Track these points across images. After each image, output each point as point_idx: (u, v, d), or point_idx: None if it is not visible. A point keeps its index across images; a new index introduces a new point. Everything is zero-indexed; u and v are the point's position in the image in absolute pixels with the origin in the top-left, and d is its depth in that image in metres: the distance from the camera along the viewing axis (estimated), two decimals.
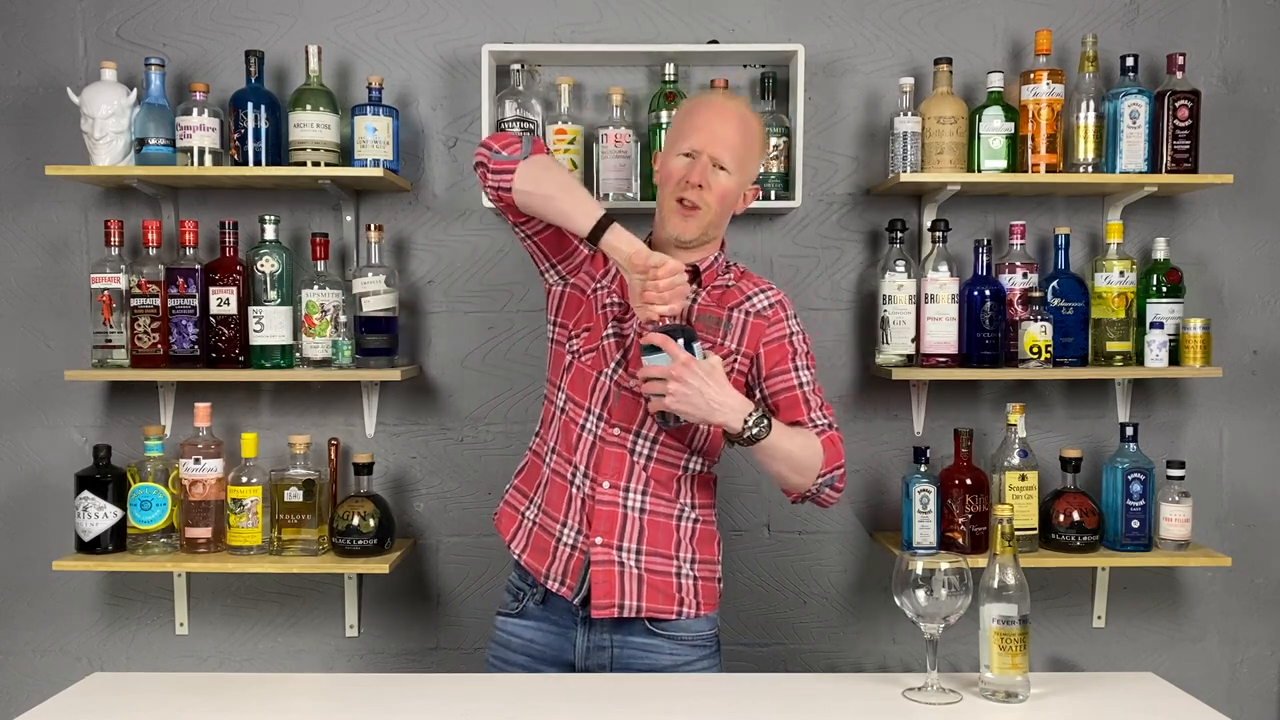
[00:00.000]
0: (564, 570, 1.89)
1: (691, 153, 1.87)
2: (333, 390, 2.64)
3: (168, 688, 1.75)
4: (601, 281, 1.95)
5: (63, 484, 2.60)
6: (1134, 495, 2.45)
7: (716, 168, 1.86)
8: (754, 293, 1.94)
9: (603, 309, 1.92)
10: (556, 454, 1.93)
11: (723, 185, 1.87)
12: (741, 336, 1.91)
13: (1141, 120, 2.45)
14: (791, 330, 1.95)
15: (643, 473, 1.89)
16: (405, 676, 1.92)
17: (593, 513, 1.87)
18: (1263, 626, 2.72)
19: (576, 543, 1.89)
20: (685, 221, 1.87)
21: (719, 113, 1.90)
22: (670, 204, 1.88)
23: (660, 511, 1.90)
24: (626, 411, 1.88)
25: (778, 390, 1.92)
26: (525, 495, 1.99)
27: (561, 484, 1.92)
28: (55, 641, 2.69)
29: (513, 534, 1.98)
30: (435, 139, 2.63)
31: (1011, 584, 1.64)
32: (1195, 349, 2.47)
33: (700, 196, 1.85)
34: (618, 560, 1.87)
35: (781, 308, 1.95)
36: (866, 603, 2.69)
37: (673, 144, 1.91)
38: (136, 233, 2.55)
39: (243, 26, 2.61)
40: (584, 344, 1.92)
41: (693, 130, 1.88)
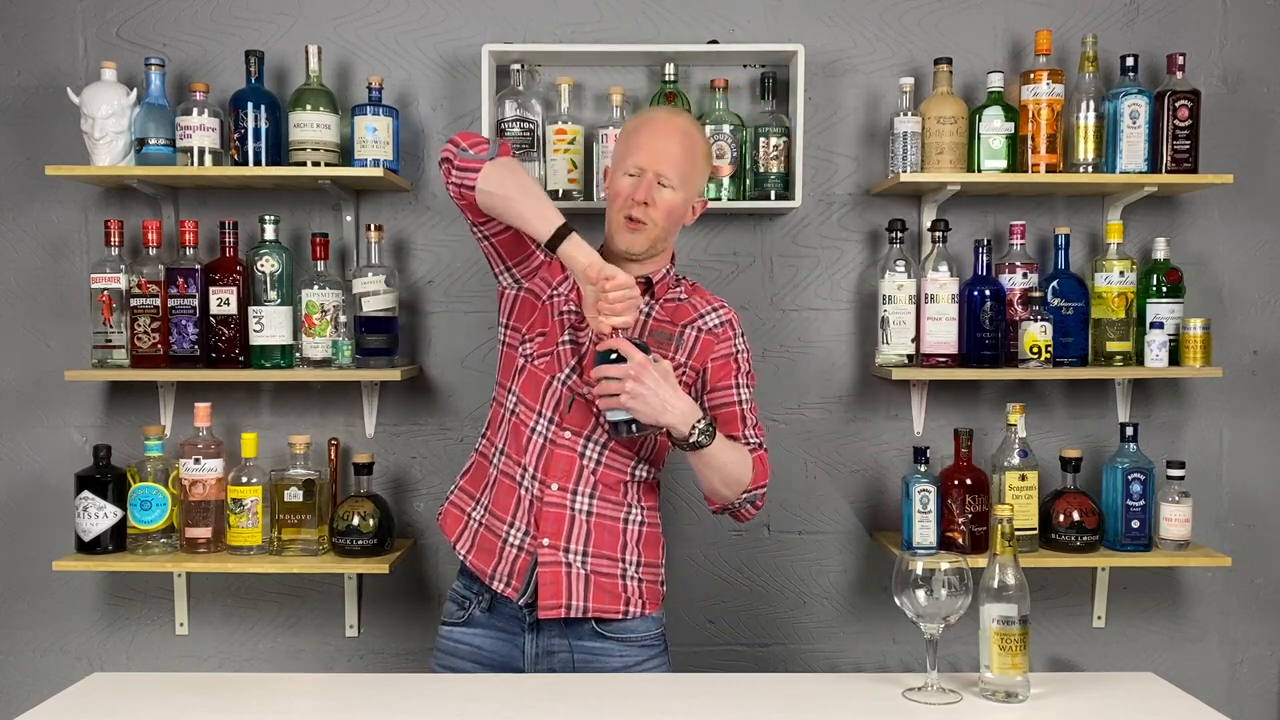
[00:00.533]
0: (510, 571, 1.92)
1: (636, 171, 1.91)
2: (333, 390, 2.64)
3: (168, 688, 1.75)
4: (558, 289, 1.97)
5: (63, 484, 2.60)
6: (1134, 495, 2.45)
7: (661, 184, 1.90)
8: (706, 310, 2.00)
9: (559, 315, 1.95)
10: (505, 455, 1.96)
11: (668, 201, 1.91)
12: (691, 351, 1.97)
13: (1141, 120, 2.45)
14: (738, 349, 2.00)
15: (591, 476, 1.92)
16: (405, 676, 1.92)
17: (540, 514, 1.90)
18: (1263, 626, 2.72)
19: (524, 544, 1.91)
20: (633, 235, 1.92)
21: (662, 130, 1.94)
22: (618, 220, 1.93)
23: (607, 515, 1.93)
24: (579, 416, 1.91)
25: (717, 404, 1.98)
26: (472, 496, 2.01)
27: (510, 485, 1.94)
28: (55, 641, 2.69)
29: (458, 534, 2.00)
30: (435, 139, 2.63)
31: (1011, 584, 1.64)
32: (1195, 349, 2.47)
33: (646, 213, 1.91)
34: (564, 561, 1.90)
35: (731, 326, 2.01)
36: (866, 603, 2.69)
37: (619, 162, 1.96)
38: (136, 233, 2.55)
39: (243, 26, 2.61)
40: (538, 348, 1.94)
41: (637, 148, 1.93)
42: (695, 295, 2.03)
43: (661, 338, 1.95)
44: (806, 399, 2.66)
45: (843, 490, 2.68)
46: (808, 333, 2.66)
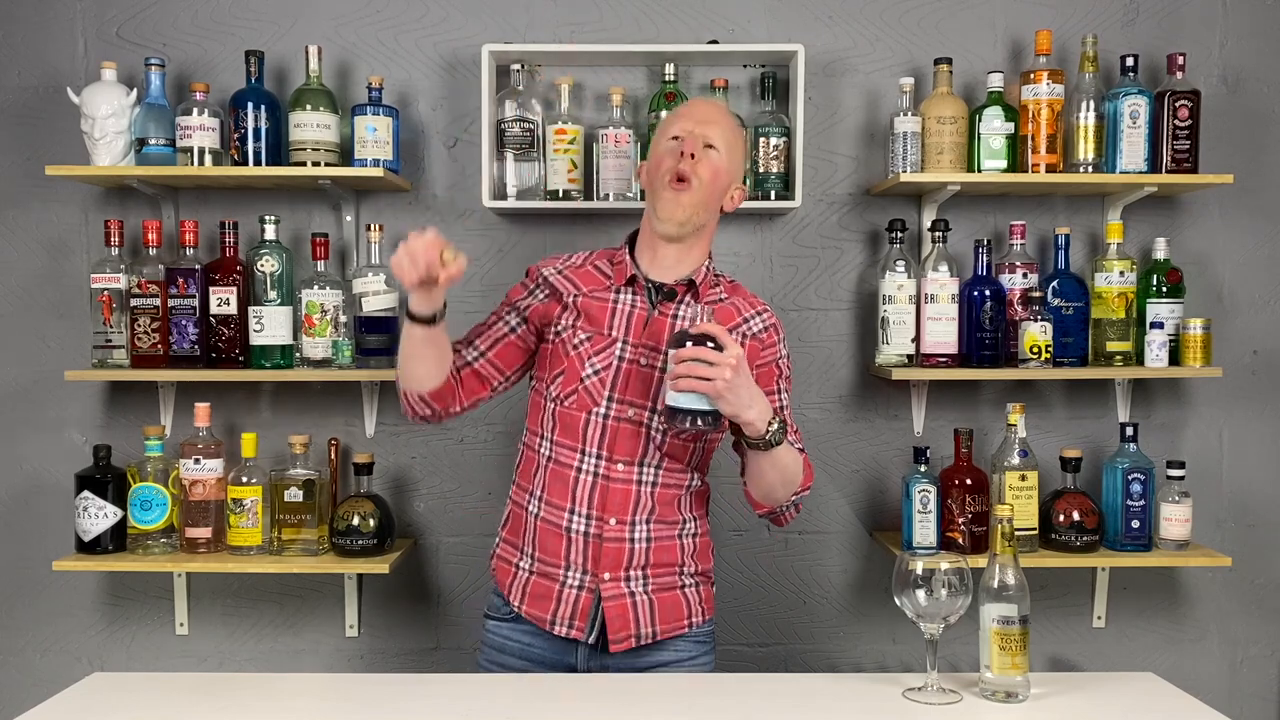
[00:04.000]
0: (572, 613, 1.87)
1: (680, 135, 1.88)
2: (333, 390, 2.64)
3: (168, 688, 1.75)
4: (564, 321, 1.91)
5: (63, 484, 2.60)
6: (1134, 495, 2.45)
7: (707, 147, 1.87)
8: (750, 315, 1.96)
9: (574, 350, 1.89)
10: (545, 502, 1.90)
11: (714, 163, 1.87)
12: None
13: (1141, 120, 2.45)
14: (781, 354, 1.97)
15: (649, 501, 1.88)
16: (405, 676, 1.92)
17: (601, 551, 1.86)
18: (1263, 626, 2.72)
19: (583, 583, 1.87)
20: (677, 197, 1.85)
21: (704, 104, 1.97)
22: (661, 185, 1.86)
23: (665, 535, 1.90)
24: (627, 445, 1.86)
25: None
26: (515, 547, 1.95)
27: (555, 530, 1.88)
28: (55, 641, 2.69)
29: (509, 586, 1.94)
30: (435, 139, 2.64)
31: (1011, 584, 1.64)
32: (1195, 349, 2.47)
33: (693, 168, 1.84)
34: (628, 591, 1.87)
35: (775, 331, 1.97)
36: (866, 603, 2.69)
37: (659, 138, 1.93)
38: (136, 233, 2.55)
39: (243, 26, 2.61)
40: (562, 389, 1.89)
41: (678, 119, 1.91)
42: (736, 296, 1.97)
43: None
44: (806, 399, 2.66)
45: (843, 490, 2.69)
46: (808, 333, 2.66)
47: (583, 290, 1.92)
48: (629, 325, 1.88)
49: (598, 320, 1.89)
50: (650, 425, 1.86)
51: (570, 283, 1.94)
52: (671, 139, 1.89)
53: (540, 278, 1.96)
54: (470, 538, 2.66)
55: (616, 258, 1.95)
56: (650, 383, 1.86)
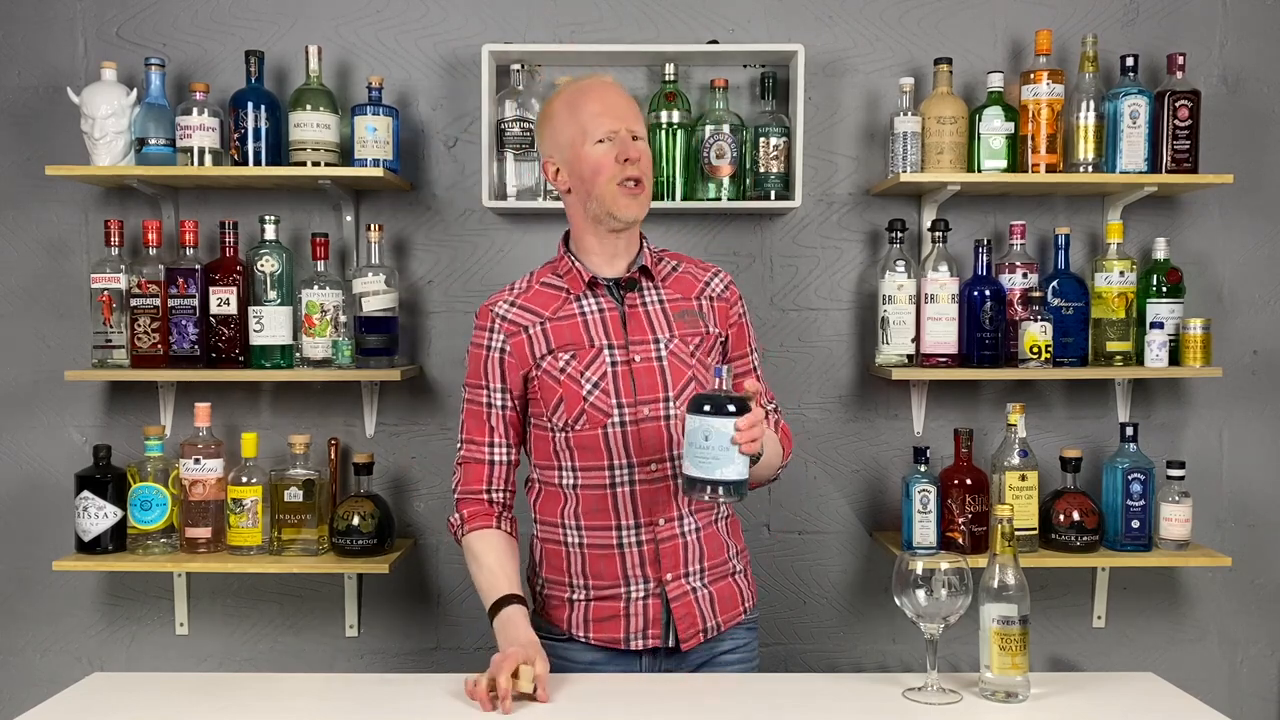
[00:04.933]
0: (644, 624, 1.86)
1: (609, 135, 1.81)
2: (333, 390, 2.64)
3: (168, 688, 1.75)
4: (538, 354, 1.84)
5: (63, 484, 2.60)
6: (1134, 495, 2.45)
7: (635, 139, 1.83)
8: (708, 277, 1.94)
9: (564, 375, 1.82)
10: (587, 529, 1.85)
11: (648, 153, 1.85)
12: (714, 319, 1.91)
13: (1141, 120, 2.45)
14: (743, 311, 1.97)
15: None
16: (405, 676, 1.92)
17: (657, 553, 1.84)
18: (1263, 626, 2.72)
19: (649, 591, 1.86)
20: (635, 200, 1.82)
21: (607, 91, 1.86)
22: (612, 190, 1.81)
23: (706, 524, 1.90)
24: (652, 443, 1.83)
25: (736, 374, 1.91)
26: (562, 583, 1.90)
27: (606, 552, 1.85)
28: (55, 641, 2.69)
29: (568, 621, 1.89)
30: (435, 139, 2.64)
31: (1011, 584, 1.64)
32: (1195, 349, 2.47)
33: (639, 168, 1.82)
34: (690, 588, 1.87)
35: (734, 288, 1.96)
36: (866, 603, 2.69)
37: (577, 138, 1.82)
38: (136, 233, 2.55)
39: (243, 26, 2.61)
40: (567, 416, 1.82)
41: (598, 117, 1.82)
42: (686, 264, 1.96)
43: (689, 316, 1.88)
44: (806, 399, 2.66)
45: (843, 490, 2.68)
46: (808, 333, 2.66)
47: (544, 315, 1.86)
48: (607, 328, 1.84)
49: (574, 337, 1.84)
50: (669, 416, 1.83)
51: (528, 313, 1.87)
52: (600, 140, 1.81)
53: (495, 319, 1.87)
54: None
55: (561, 267, 1.89)
56: (654, 375, 1.83)
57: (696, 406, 1.62)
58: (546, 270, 1.93)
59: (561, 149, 1.85)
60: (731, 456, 1.60)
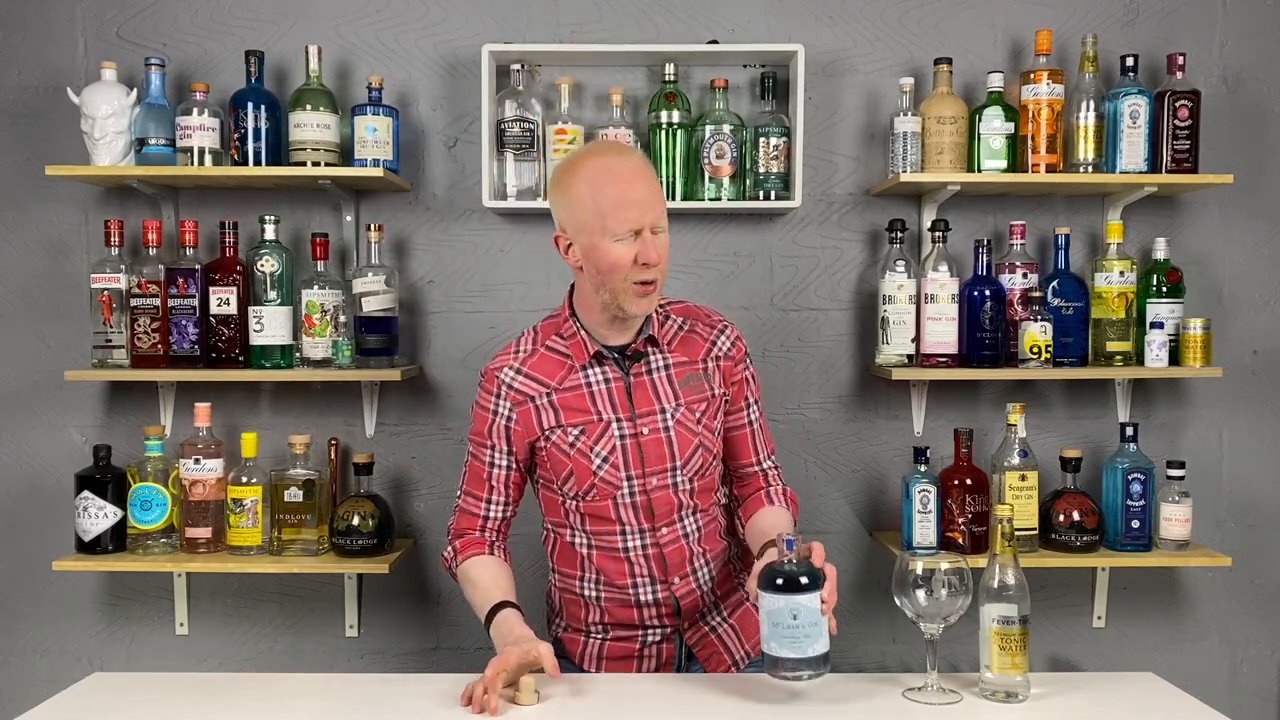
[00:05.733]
0: (656, 665, 1.91)
1: (629, 235, 1.73)
2: (333, 390, 2.64)
3: (168, 688, 1.75)
4: (546, 426, 1.84)
5: (63, 484, 2.60)
6: (1134, 495, 2.45)
7: (655, 232, 1.75)
8: (714, 336, 1.91)
9: (573, 449, 1.82)
10: (604, 584, 1.88)
11: (666, 245, 1.78)
12: (719, 380, 1.90)
13: (1141, 120, 2.45)
14: (748, 368, 1.95)
15: (700, 546, 1.89)
16: (405, 676, 1.92)
17: (675, 607, 1.87)
18: (1263, 626, 2.72)
19: (664, 635, 1.90)
20: (649, 299, 1.78)
21: (631, 178, 1.75)
22: (626, 288, 1.75)
23: (721, 569, 1.93)
24: (664, 510, 1.84)
25: (730, 427, 1.94)
26: (578, 619, 1.94)
27: (624, 601, 1.88)
28: (55, 641, 2.69)
29: (580, 656, 1.95)
30: (435, 139, 2.63)
31: (1011, 584, 1.64)
32: (1195, 349, 2.47)
33: (656, 271, 1.76)
34: (709, 628, 1.90)
35: (740, 344, 1.94)
36: (866, 603, 2.69)
37: (596, 228, 1.73)
38: (136, 233, 2.55)
39: (243, 26, 2.61)
40: (577, 488, 1.84)
41: (620, 209, 1.72)
42: (694, 321, 1.92)
43: (695, 381, 1.87)
44: (806, 399, 2.66)
45: (843, 490, 2.69)
46: (808, 333, 2.66)
47: (551, 385, 1.84)
48: (614, 402, 1.83)
49: (582, 409, 1.83)
50: (676, 485, 1.84)
51: (534, 382, 1.85)
52: (623, 235, 1.73)
53: (502, 386, 1.86)
54: None
55: (565, 330, 1.86)
56: (663, 446, 1.83)
57: (774, 585, 1.57)
58: (550, 329, 1.89)
59: (578, 231, 1.77)
60: (821, 630, 1.58)
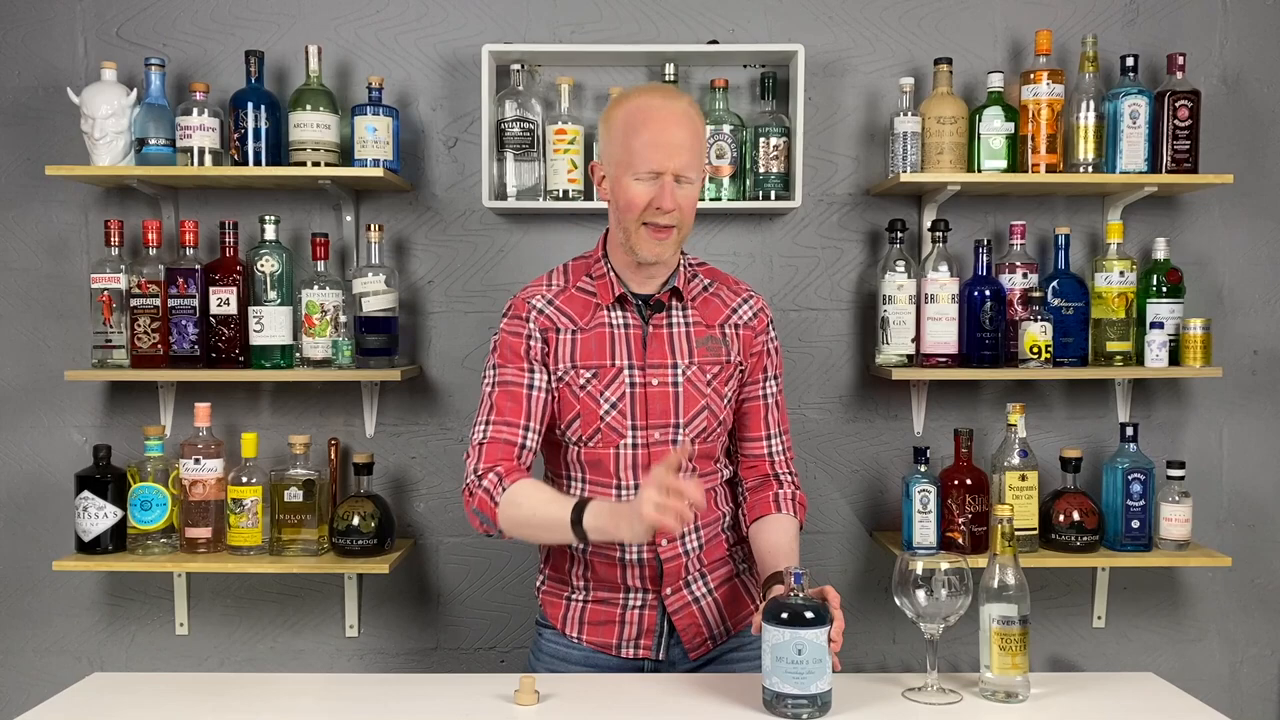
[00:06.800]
0: (638, 633, 1.88)
1: (651, 175, 1.73)
2: (333, 390, 2.64)
3: (168, 688, 1.75)
4: (563, 364, 1.82)
5: (63, 484, 2.60)
6: (1134, 495, 2.45)
7: (680, 182, 1.74)
8: (737, 303, 1.91)
9: (584, 391, 1.82)
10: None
11: (690, 197, 1.77)
12: (737, 348, 1.89)
13: (1141, 120, 2.45)
14: (771, 338, 1.93)
15: (692, 511, 1.86)
16: (405, 676, 1.92)
17: (658, 570, 1.85)
18: (1263, 626, 2.72)
19: (646, 602, 1.87)
20: (661, 245, 1.77)
21: (667, 121, 1.74)
22: (638, 229, 1.76)
23: (712, 534, 1.90)
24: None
25: (745, 399, 1.92)
26: (562, 580, 1.93)
27: (609, 560, 1.86)
28: (55, 641, 2.69)
29: (563, 618, 1.92)
30: (435, 139, 2.63)
31: (1011, 584, 1.64)
32: (1195, 349, 2.47)
33: (673, 217, 1.75)
34: (692, 599, 1.88)
35: (764, 315, 1.92)
36: (866, 603, 2.69)
37: (622, 163, 1.75)
38: (136, 233, 2.55)
39: (243, 26, 2.61)
40: (582, 432, 1.82)
41: (646, 148, 1.73)
42: (720, 285, 1.91)
43: (712, 343, 1.85)
44: (806, 399, 2.66)
45: (843, 490, 2.69)
46: (808, 333, 2.66)
47: (579, 323, 1.84)
48: (630, 348, 1.83)
49: (599, 351, 1.83)
50: (676, 441, 1.83)
51: (563, 315, 1.85)
52: (644, 175, 1.73)
53: (532, 310, 1.85)
54: (470, 538, 2.66)
55: (595, 270, 1.87)
56: (668, 400, 1.83)
57: (779, 618, 1.56)
58: (580, 270, 1.89)
59: (609, 164, 1.80)
60: (825, 668, 1.56)
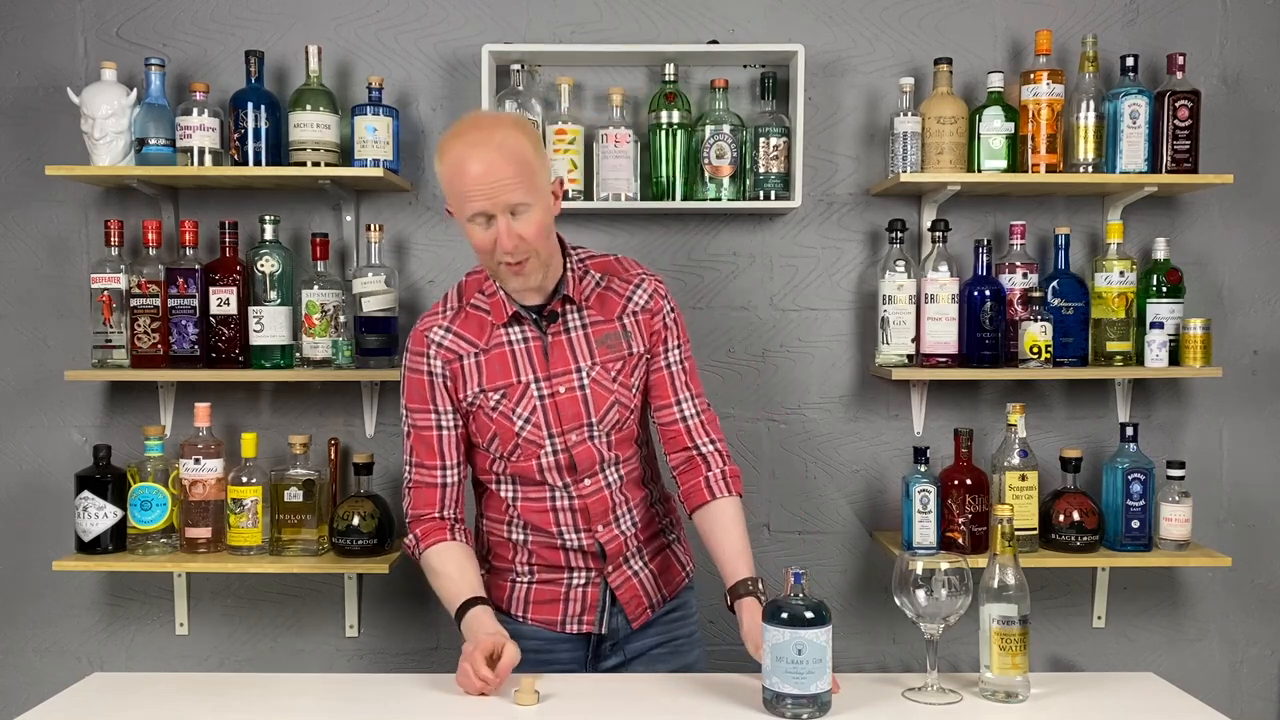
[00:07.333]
0: (581, 609, 1.94)
1: (483, 219, 1.71)
2: (333, 390, 2.64)
3: (168, 688, 1.76)
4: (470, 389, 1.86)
5: (63, 484, 2.60)
6: (1134, 495, 2.45)
7: (516, 214, 1.71)
8: (630, 291, 1.90)
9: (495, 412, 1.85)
10: (531, 529, 1.92)
11: (533, 224, 1.72)
12: (638, 337, 1.90)
13: (1141, 120, 2.45)
14: (666, 315, 1.92)
15: (622, 495, 1.92)
16: (405, 676, 1.92)
17: (602, 551, 1.92)
18: (1263, 626, 2.72)
19: (589, 579, 1.94)
20: (523, 277, 1.77)
21: (482, 163, 1.69)
22: (496, 269, 1.77)
23: (644, 514, 1.97)
24: (584, 463, 1.87)
25: (651, 371, 1.93)
26: (506, 566, 1.97)
27: (551, 546, 1.92)
28: (55, 641, 2.69)
29: (507, 600, 1.97)
30: (435, 139, 2.63)
31: (1011, 584, 1.64)
32: (1195, 349, 2.47)
33: (518, 253, 1.73)
34: (631, 572, 1.95)
35: (658, 295, 1.92)
36: (866, 603, 2.69)
37: (459, 211, 1.74)
38: (136, 233, 2.55)
39: (243, 26, 2.61)
40: (502, 449, 1.87)
41: (469, 191, 1.70)
42: (612, 277, 1.91)
43: (611, 341, 1.87)
44: (806, 399, 2.66)
45: (843, 490, 2.69)
46: (808, 333, 2.66)
47: (477, 346, 1.86)
48: (532, 360, 1.85)
49: (503, 371, 1.85)
50: (594, 439, 1.87)
51: (463, 341, 1.87)
52: (478, 219, 1.72)
53: (432, 345, 1.87)
54: None
55: (487, 288, 1.87)
56: (578, 404, 1.86)
57: (779, 619, 1.57)
58: (474, 286, 1.90)
59: (453, 210, 1.77)
60: (825, 668, 1.57)
